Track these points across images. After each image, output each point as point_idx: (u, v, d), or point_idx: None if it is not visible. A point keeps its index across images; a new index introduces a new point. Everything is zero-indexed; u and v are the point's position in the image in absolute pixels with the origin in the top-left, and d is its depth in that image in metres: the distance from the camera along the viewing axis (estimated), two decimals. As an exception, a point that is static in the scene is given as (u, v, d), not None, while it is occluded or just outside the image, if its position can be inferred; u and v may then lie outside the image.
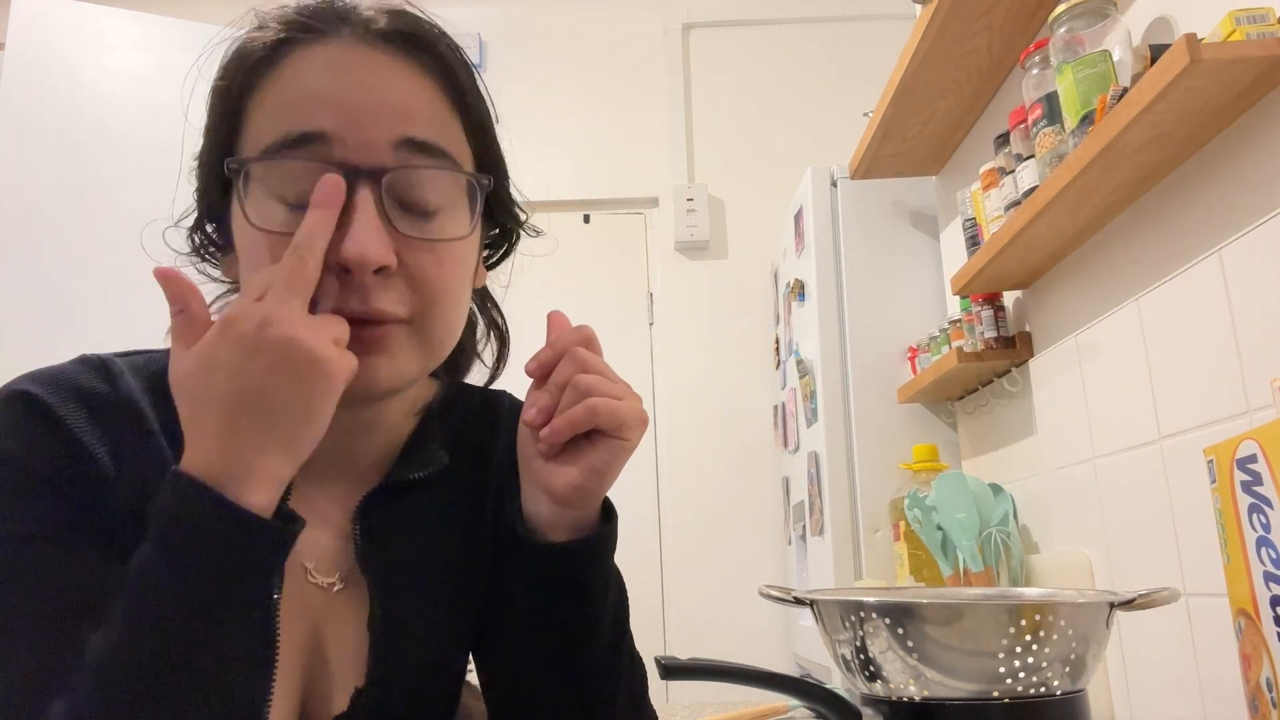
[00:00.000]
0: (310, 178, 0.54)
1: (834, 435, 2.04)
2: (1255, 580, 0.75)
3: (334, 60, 0.58)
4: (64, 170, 2.28)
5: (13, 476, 0.54)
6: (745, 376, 2.82)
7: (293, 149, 0.56)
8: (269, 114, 0.57)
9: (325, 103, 0.56)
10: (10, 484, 0.54)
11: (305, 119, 0.56)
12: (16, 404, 0.56)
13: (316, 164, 0.55)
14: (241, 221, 0.58)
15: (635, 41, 3.07)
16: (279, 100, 0.57)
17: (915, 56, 1.62)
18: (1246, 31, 0.94)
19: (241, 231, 0.58)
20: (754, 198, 2.94)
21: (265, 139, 0.57)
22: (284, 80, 0.58)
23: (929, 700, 0.76)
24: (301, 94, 0.57)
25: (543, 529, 0.63)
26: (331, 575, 0.64)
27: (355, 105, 0.57)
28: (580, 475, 0.60)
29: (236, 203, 0.58)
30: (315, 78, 0.57)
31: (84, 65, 2.35)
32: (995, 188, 1.51)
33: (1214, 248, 1.08)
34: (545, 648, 0.65)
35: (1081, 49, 1.19)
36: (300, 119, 0.56)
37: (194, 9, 2.69)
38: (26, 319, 2.16)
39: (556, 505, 0.61)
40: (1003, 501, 1.62)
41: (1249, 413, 1.02)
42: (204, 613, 0.48)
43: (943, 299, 2.03)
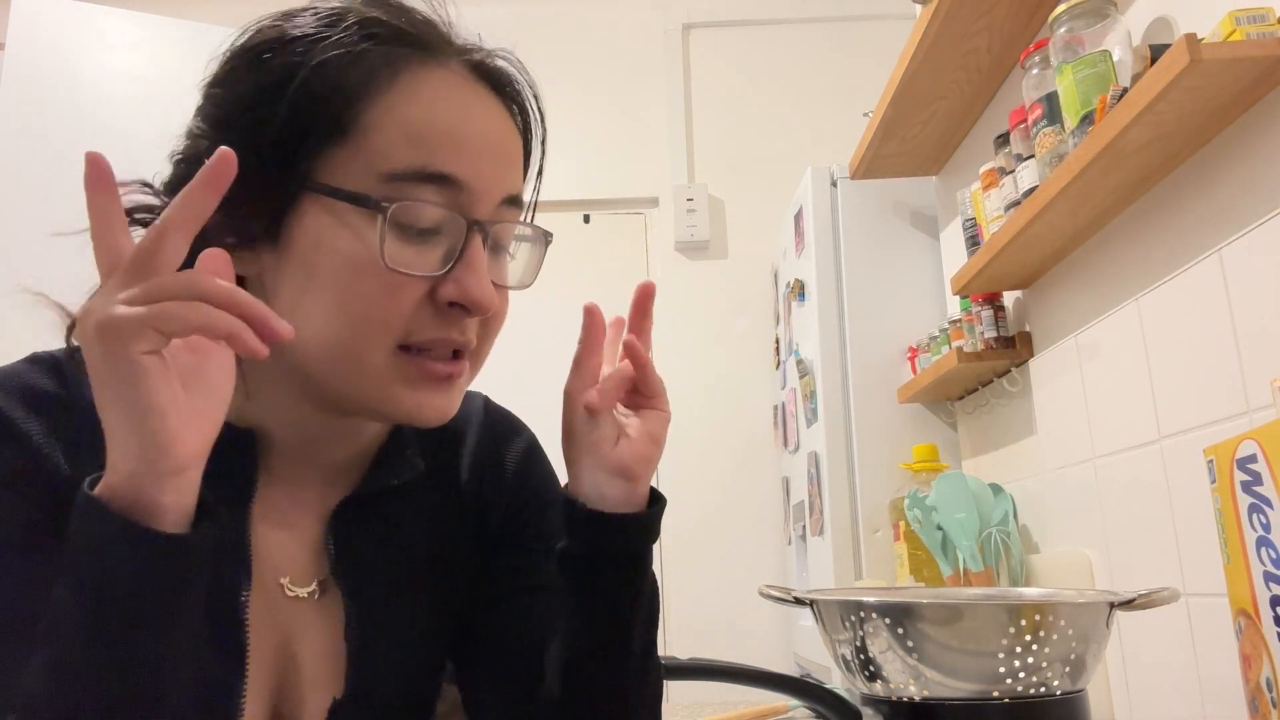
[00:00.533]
0: (433, 219, 0.56)
1: (834, 435, 2.04)
2: (1255, 580, 0.75)
3: (457, 96, 0.59)
4: (64, 170, 2.28)
5: None
6: (745, 376, 2.82)
7: (423, 183, 0.56)
8: (397, 137, 0.56)
9: (460, 148, 0.58)
10: None
11: (442, 160, 0.57)
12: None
13: (452, 213, 0.57)
14: (354, 241, 0.55)
15: (635, 41, 3.07)
16: (410, 126, 0.57)
17: (915, 56, 1.62)
18: (1246, 31, 0.94)
19: (338, 248, 0.55)
20: (754, 198, 2.94)
21: (393, 164, 0.56)
22: (409, 102, 0.57)
23: (929, 700, 0.77)
24: (436, 130, 0.57)
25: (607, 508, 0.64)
26: (307, 584, 0.64)
27: (483, 157, 0.59)
28: (645, 446, 0.64)
29: (342, 214, 0.55)
30: (446, 114, 0.58)
31: (84, 65, 2.35)
32: (995, 188, 1.51)
33: (1214, 248, 1.08)
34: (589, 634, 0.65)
35: (1081, 49, 1.19)
36: (437, 159, 0.57)
37: (194, 9, 2.69)
38: (26, 319, 2.16)
39: (626, 481, 0.64)
40: (1003, 501, 1.62)
41: (1249, 413, 1.02)
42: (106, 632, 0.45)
43: (943, 299, 2.03)
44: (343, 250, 0.56)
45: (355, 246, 0.55)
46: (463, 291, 0.57)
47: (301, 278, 0.56)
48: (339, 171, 0.56)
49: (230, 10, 0.61)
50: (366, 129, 0.56)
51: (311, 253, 0.56)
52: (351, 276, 0.56)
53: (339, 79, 0.56)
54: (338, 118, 0.56)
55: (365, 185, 0.56)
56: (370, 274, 0.55)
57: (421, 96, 0.57)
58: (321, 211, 0.56)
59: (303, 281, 0.56)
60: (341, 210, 0.56)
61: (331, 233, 0.56)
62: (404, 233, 0.56)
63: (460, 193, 0.58)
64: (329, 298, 0.56)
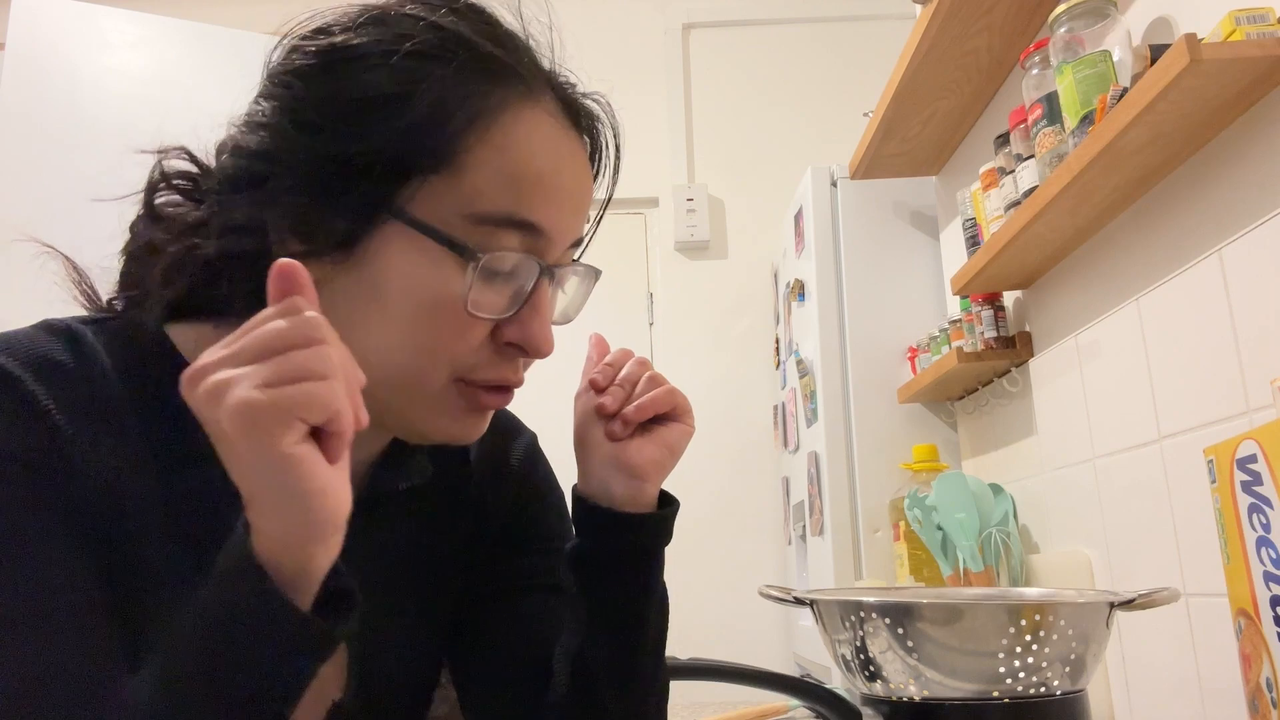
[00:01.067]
0: (512, 264, 0.56)
1: (834, 435, 2.04)
2: (1255, 580, 0.75)
3: (551, 142, 0.58)
4: (64, 170, 2.28)
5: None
6: (745, 376, 2.82)
7: (509, 228, 0.56)
8: (494, 179, 0.55)
9: (549, 197, 0.57)
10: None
11: (529, 208, 0.56)
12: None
13: (533, 261, 0.57)
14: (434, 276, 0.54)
15: (635, 41, 3.07)
16: (507, 170, 0.56)
17: (915, 56, 1.62)
18: (1246, 31, 0.94)
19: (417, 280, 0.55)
20: (754, 198, 2.94)
21: (485, 207, 0.55)
22: (508, 144, 0.56)
23: (929, 700, 0.77)
24: (530, 176, 0.56)
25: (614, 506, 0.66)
26: None
27: (565, 206, 0.59)
28: (658, 451, 0.66)
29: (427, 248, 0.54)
30: (541, 160, 0.57)
31: (84, 65, 2.35)
32: (995, 188, 1.51)
33: (1214, 248, 1.08)
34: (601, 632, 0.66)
35: (1081, 49, 1.19)
36: (525, 206, 0.56)
37: (194, 9, 2.69)
38: (26, 319, 2.16)
39: (633, 480, 0.65)
40: (1003, 501, 1.62)
41: (1249, 413, 1.02)
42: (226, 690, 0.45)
43: (943, 299, 2.03)
44: (423, 284, 0.55)
45: (436, 284, 0.55)
46: (526, 336, 0.58)
47: (370, 297, 0.55)
48: (428, 204, 0.55)
49: (230, 10, 0.61)
50: (465, 166, 0.55)
51: (388, 277, 0.55)
52: (427, 310, 0.55)
53: (448, 111, 0.55)
54: (440, 151, 0.55)
55: (452, 222, 0.55)
56: (447, 312, 0.55)
57: (519, 139, 0.57)
58: (406, 241, 0.55)
59: (370, 301, 0.55)
60: (428, 246, 0.55)
61: (414, 264, 0.55)
62: (483, 279, 0.55)
63: (539, 239, 0.58)
64: (399, 324, 0.55)
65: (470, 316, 0.55)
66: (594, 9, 3.07)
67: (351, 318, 0.55)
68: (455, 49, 0.56)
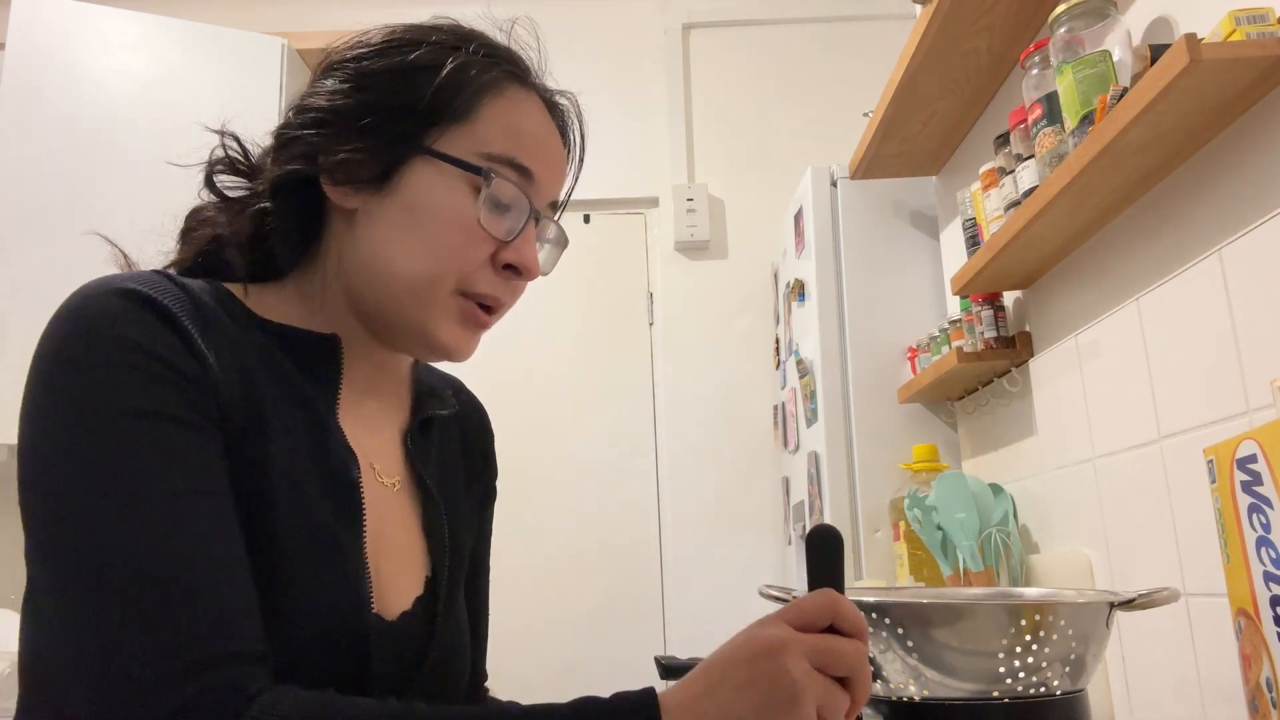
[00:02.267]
0: (510, 196, 0.71)
1: (834, 435, 2.04)
2: (1255, 580, 0.76)
3: (539, 115, 0.76)
4: (64, 170, 2.28)
5: (140, 360, 0.58)
6: (745, 376, 2.82)
7: (509, 168, 0.71)
8: (499, 129, 0.72)
9: (538, 151, 0.74)
10: (139, 366, 0.58)
11: (525, 155, 0.72)
12: (131, 299, 0.60)
13: (523, 195, 0.72)
14: (453, 199, 0.70)
15: (635, 41, 3.06)
16: (509, 124, 0.72)
17: (915, 56, 1.62)
18: (1246, 31, 0.94)
19: (441, 202, 0.70)
20: (754, 198, 2.94)
21: (491, 146, 0.71)
22: (510, 108, 0.73)
23: (929, 700, 0.77)
24: (525, 133, 0.73)
25: None
26: (393, 476, 0.76)
27: (550, 164, 0.75)
28: None
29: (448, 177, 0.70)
30: (532, 124, 0.74)
31: (84, 65, 2.35)
32: (995, 188, 1.51)
33: (1214, 248, 1.08)
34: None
35: (1081, 49, 1.19)
36: (522, 153, 0.72)
37: (194, 9, 2.69)
38: (27, 318, 2.16)
39: None
40: (1003, 501, 1.62)
41: (1249, 413, 1.02)
42: None
43: (943, 299, 2.03)
44: (445, 203, 0.70)
45: (455, 202, 0.70)
46: (520, 257, 0.72)
47: (400, 218, 0.70)
48: (450, 144, 0.71)
49: (230, 11, 0.62)
50: (477, 119, 0.72)
51: (417, 200, 0.70)
52: (447, 223, 0.70)
53: (468, 79, 0.72)
54: (461, 106, 0.71)
55: (468, 157, 0.70)
56: (461, 226, 0.70)
57: (518, 107, 0.74)
58: (432, 171, 0.70)
59: (402, 221, 0.70)
60: (450, 172, 0.70)
61: (438, 189, 0.70)
62: (490, 204, 0.70)
63: (530, 184, 0.73)
64: (422, 237, 0.70)
65: (479, 230, 0.70)
66: (594, 9, 3.07)
67: (386, 234, 0.70)
68: (471, 41, 0.75)
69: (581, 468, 2.75)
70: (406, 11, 0.90)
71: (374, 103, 0.71)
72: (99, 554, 0.54)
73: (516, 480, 2.80)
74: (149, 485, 0.56)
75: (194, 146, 0.73)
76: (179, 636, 0.53)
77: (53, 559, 0.55)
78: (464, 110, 0.71)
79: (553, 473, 2.75)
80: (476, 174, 0.70)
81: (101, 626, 0.52)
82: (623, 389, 2.81)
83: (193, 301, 0.64)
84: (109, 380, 0.57)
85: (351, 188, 0.70)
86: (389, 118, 0.70)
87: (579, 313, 2.85)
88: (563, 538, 2.71)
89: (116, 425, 0.56)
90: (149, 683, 0.51)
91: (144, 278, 0.63)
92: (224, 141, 0.75)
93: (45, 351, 0.60)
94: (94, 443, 0.56)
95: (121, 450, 0.56)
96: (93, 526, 0.54)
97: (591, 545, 2.68)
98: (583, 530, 2.70)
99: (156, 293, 0.62)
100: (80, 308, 0.60)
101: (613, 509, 2.72)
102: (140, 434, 0.57)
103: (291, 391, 0.68)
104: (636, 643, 2.58)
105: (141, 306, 0.60)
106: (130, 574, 0.53)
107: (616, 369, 2.82)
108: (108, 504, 0.55)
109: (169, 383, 0.59)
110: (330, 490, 0.67)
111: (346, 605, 0.65)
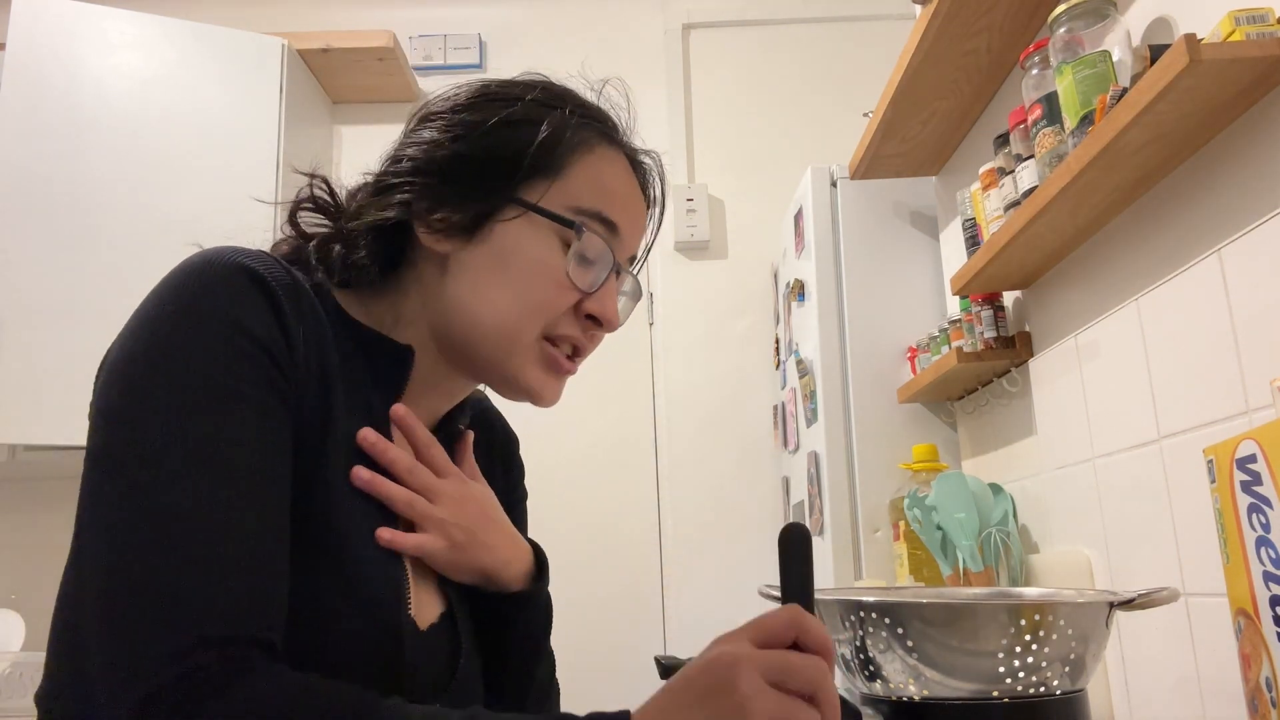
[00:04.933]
0: (597, 250, 0.75)
1: (834, 435, 2.04)
2: (1255, 580, 0.76)
3: (625, 175, 0.79)
4: (64, 170, 2.28)
5: (238, 339, 0.61)
6: (745, 376, 2.82)
7: (597, 222, 0.75)
8: (589, 184, 0.76)
9: (624, 208, 0.78)
10: (234, 345, 0.61)
11: (611, 210, 0.76)
12: (241, 276, 0.63)
13: (609, 250, 0.76)
14: (544, 251, 0.73)
15: (635, 41, 3.07)
16: (597, 180, 0.76)
17: (915, 56, 1.62)
18: (1246, 31, 0.94)
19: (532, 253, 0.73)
20: (754, 198, 2.94)
21: (582, 200, 0.75)
22: (599, 165, 0.77)
23: (929, 700, 0.77)
24: (613, 189, 0.77)
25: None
26: None
27: (633, 220, 0.79)
28: None
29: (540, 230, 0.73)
30: (619, 182, 0.78)
31: (84, 65, 2.35)
32: (995, 188, 1.51)
33: (1214, 248, 1.08)
34: None
35: (1081, 49, 1.19)
36: (608, 208, 0.76)
37: (194, 9, 2.69)
38: (27, 318, 2.16)
39: None
40: (1002, 501, 1.63)
41: (1249, 413, 1.03)
42: None
43: (943, 299, 2.03)
44: (535, 255, 0.73)
45: (545, 254, 0.74)
46: (602, 309, 0.76)
47: (492, 267, 0.73)
48: (542, 199, 0.74)
49: (230, 10, 0.62)
50: (569, 175, 0.75)
51: (508, 250, 0.73)
52: (536, 275, 0.73)
53: (561, 135, 0.75)
54: (554, 161, 0.75)
55: (558, 211, 0.74)
56: (551, 277, 0.73)
57: (607, 164, 0.78)
58: (524, 223, 0.74)
59: (493, 269, 0.73)
60: (541, 225, 0.74)
61: (529, 240, 0.73)
62: (579, 257, 0.74)
63: (615, 238, 0.77)
64: (512, 286, 0.73)
65: (566, 282, 0.74)
66: (594, 9, 3.07)
67: (475, 281, 0.73)
68: (565, 101, 0.78)
69: (581, 468, 2.75)
70: (403, 13, 0.91)
71: (471, 154, 0.74)
72: (144, 515, 0.56)
73: (516, 480, 2.81)
74: (210, 459, 0.58)
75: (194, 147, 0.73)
76: (194, 607, 0.54)
77: (104, 508, 0.57)
78: (557, 166, 0.75)
79: (553, 472, 2.75)
80: (569, 227, 0.73)
81: (128, 577, 0.54)
82: (623, 389, 2.81)
83: (295, 286, 0.67)
84: (203, 353, 0.60)
85: (445, 234, 0.74)
86: (485, 169, 0.74)
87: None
88: (563, 537, 2.71)
89: (198, 397, 0.59)
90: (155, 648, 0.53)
91: (259, 256, 0.66)
92: (312, 183, 0.78)
93: (158, 308, 0.62)
94: (172, 408, 0.58)
95: (196, 423, 0.58)
96: (146, 486, 0.56)
97: (591, 545, 2.68)
98: (583, 530, 2.70)
99: (268, 272, 0.64)
100: (199, 273, 0.63)
101: (613, 509, 2.72)
102: (217, 411, 0.59)
103: (358, 390, 0.71)
104: (636, 642, 2.58)
105: (253, 284, 0.63)
106: (166, 538, 0.55)
107: (616, 369, 2.83)
108: (166, 469, 0.57)
109: (257, 364, 0.61)
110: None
111: (388, 597, 0.67)
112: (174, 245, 0.79)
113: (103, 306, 2.12)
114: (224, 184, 2.30)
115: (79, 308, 2.13)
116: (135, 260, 2.13)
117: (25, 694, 2.11)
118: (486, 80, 0.79)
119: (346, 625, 0.64)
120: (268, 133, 2.42)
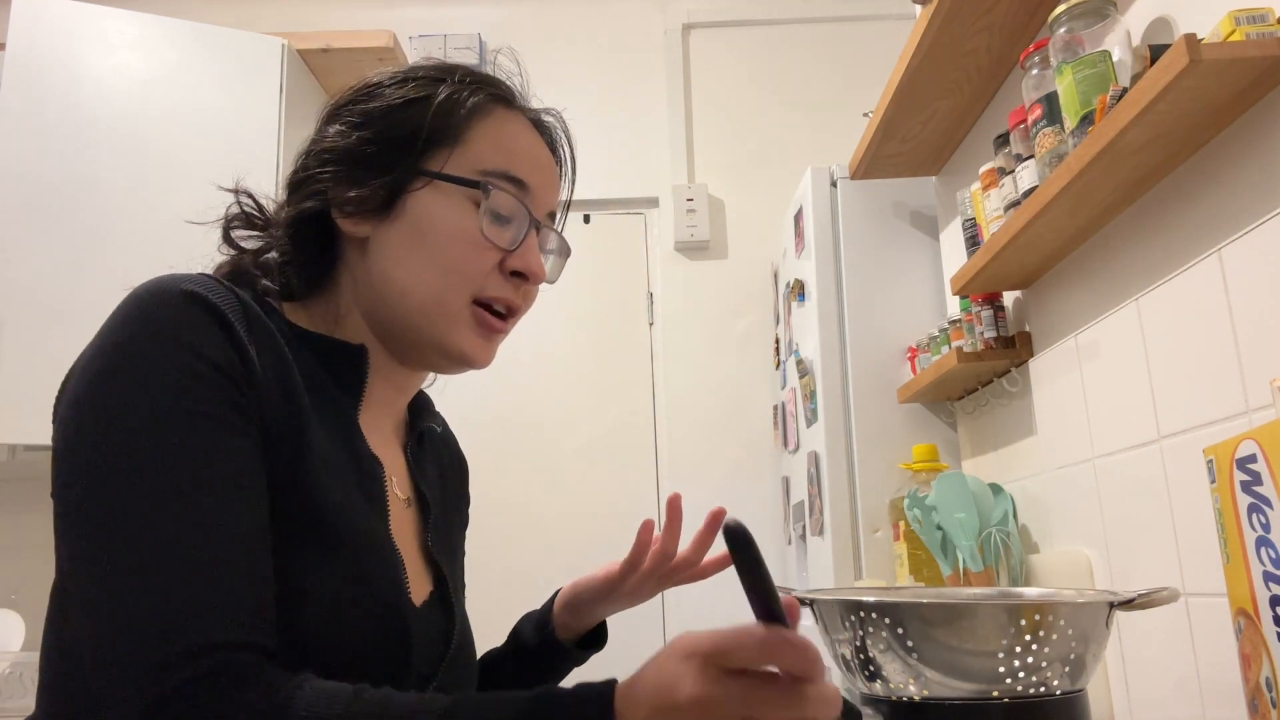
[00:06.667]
0: (510, 208, 0.77)
1: (834, 435, 2.04)
2: (1255, 580, 0.76)
3: (526, 133, 0.81)
4: (64, 170, 2.28)
5: (194, 363, 0.62)
6: (745, 376, 2.82)
7: (505, 181, 0.77)
8: (491, 147, 0.77)
9: (530, 164, 0.79)
10: (191, 369, 0.62)
11: (518, 168, 0.78)
12: (194, 303, 0.64)
13: (522, 206, 0.77)
14: (456, 215, 0.75)
15: (635, 41, 3.07)
16: (499, 142, 0.78)
17: (915, 56, 1.62)
18: (1246, 31, 0.94)
19: (444, 219, 0.75)
20: (754, 198, 2.94)
21: (485, 163, 0.77)
22: (499, 128, 0.79)
23: (929, 700, 0.77)
24: (516, 149, 0.79)
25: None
26: (405, 491, 0.81)
27: (542, 175, 0.80)
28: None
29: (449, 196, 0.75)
30: (521, 141, 0.80)
31: (84, 65, 2.35)
32: (995, 188, 1.51)
33: (1214, 248, 1.08)
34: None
35: (1081, 49, 1.19)
36: (515, 167, 0.78)
37: (194, 9, 2.69)
38: (26, 318, 2.16)
39: None
40: (1003, 501, 1.62)
41: (1249, 413, 1.03)
42: None
43: (943, 299, 2.03)
44: (449, 221, 0.75)
45: (458, 219, 0.75)
46: (525, 263, 0.77)
47: (410, 240, 0.75)
48: (447, 167, 0.76)
49: (230, 10, 0.62)
50: (470, 140, 0.77)
51: (421, 221, 0.75)
52: (452, 240, 0.75)
53: (457, 105, 0.77)
54: (453, 130, 0.77)
55: (465, 175, 0.76)
56: (466, 240, 0.75)
57: (506, 126, 0.79)
58: (434, 192, 0.75)
59: (411, 242, 0.75)
60: (450, 191, 0.75)
61: (441, 208, 0.75)
62: (491, 215, 0.76)
63: (526, 195, 0.78)
64: (431, 255, 0.75)
65: (483, 241, 0.75)
66: (594, 9, 3.07)
67: (396, 256, 0.75)
68: (455, 72, 0.80)
69: (582, 467, 2.75)
70: (403, 13, 0.92)
71: (373, 138, 0.77)
72: (125, 534, 0.57)
73: (517, 480, 2.81)
74: (183, 476, 0.59)
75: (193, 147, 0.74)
76: (188, 618, 0.55)
77: (84, 533, 0.58)
78: (456, 134, 0.77)
79: (553, 472, 2.75)
80: (475, 188, 0.75)
81: (119, 595, 0.56)
82: (623, 389, 2.81)
83: (243, 306, 0.68)
84: (160, 379, 0.61)
85: (361, 217, 0.76)
86: (388, 149, 0.76)
87: (579, 313, 2.85)
88: (563, 537, 2.71)
89: (162, 419, 0.60)
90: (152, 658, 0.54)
91: (203, 281, 0.67)
92: (239, 199, 0.81)
93: (110, 340, 0.63)
94: (138, 431, 0.59)
95: (163, 443, 0.59)
96: (124, 507, 0.58)
97: (592, 545, 2.68)
98: (583, 530, 2.70)
99: (215, 297, 0.65)
100: (146, 304, 0.64)
101: (613, 509, 2.72)
102: (182, 430, 0.60)
103: (323, 395, 0.73)
104: (636, 642, 2.58)
105: (202, 310, 0.64)
106: (151, 554, 0.56)
107: (616, 369, 2.82)
108: (140, 489, 0.58)
109: (216, 385, 0.62)
110: (361, 485, 0.73)
111: (388, 585, 0.70)
112: (174, 245, 0.80)
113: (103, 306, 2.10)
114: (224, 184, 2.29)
115: (79, 308, 2.13)
116: (135, 260, 2.13)
117: (25, 694, 2.11)
118: (380, 70, 0.82)
119: (354, 610, 0.66)
120: (268, 133, 2.42)
